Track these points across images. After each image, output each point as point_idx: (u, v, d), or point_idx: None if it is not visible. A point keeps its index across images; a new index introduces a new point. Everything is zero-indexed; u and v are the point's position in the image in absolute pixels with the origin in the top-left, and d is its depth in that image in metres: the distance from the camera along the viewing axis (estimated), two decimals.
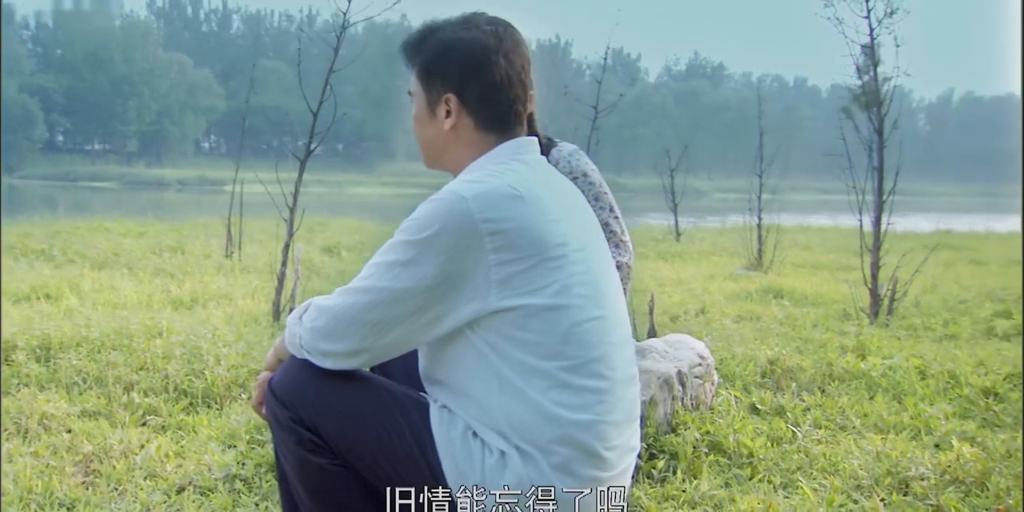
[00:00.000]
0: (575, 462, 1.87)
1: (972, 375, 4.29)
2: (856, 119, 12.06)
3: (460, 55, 2.01)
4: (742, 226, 13.07)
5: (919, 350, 4.91)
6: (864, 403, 3.94)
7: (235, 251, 9.35)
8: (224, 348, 4.37)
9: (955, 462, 3.09)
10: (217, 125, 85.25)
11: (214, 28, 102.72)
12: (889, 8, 5.88)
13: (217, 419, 3.65)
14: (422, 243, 1.84)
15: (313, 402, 1.96)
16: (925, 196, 49.54)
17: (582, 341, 1.89)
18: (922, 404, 3.90)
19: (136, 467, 3.11)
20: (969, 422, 3.69)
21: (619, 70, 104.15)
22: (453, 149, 2.06)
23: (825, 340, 5.12)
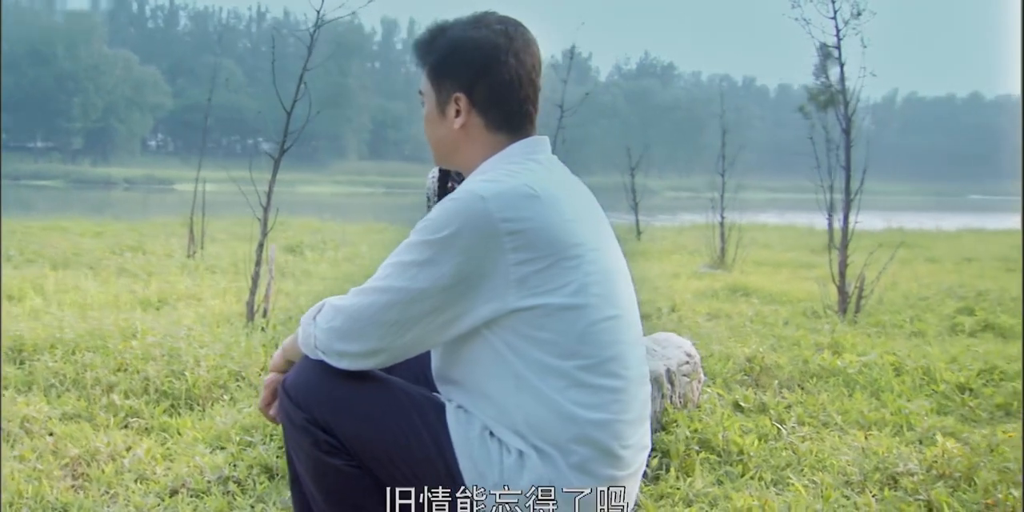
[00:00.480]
0: (592, 461, 1.88)
1: (946, 371, 4.36)
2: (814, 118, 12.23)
3: (469, 54, 2.01)
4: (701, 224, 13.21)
5: (891, 347, 4.98)
6: (844, 400, 3.99)
7: (197, 251, 9.26)
8: (202, 349, 4.32)
9: (940, 457, 3.14)
10: (164, 123, 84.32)
11: (160, 25, 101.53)
12: (856, 9, 5.94)
13: (200, 421, 3.61)
14: (440, 243, 1.84)
15: (329, 403, 1.95)
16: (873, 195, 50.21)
17: (598, 340, 1.90)
18: (900, 400, 3.96)
19: (125, 470, 3.07)
20: (947, 418, 3.76)
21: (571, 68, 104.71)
22: (464, 148, 2.06)
23: (798, 337, 5.18)
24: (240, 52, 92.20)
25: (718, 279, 8.47)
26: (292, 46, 5.45)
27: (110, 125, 75.90)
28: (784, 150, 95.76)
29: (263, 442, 3.29)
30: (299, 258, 9.66)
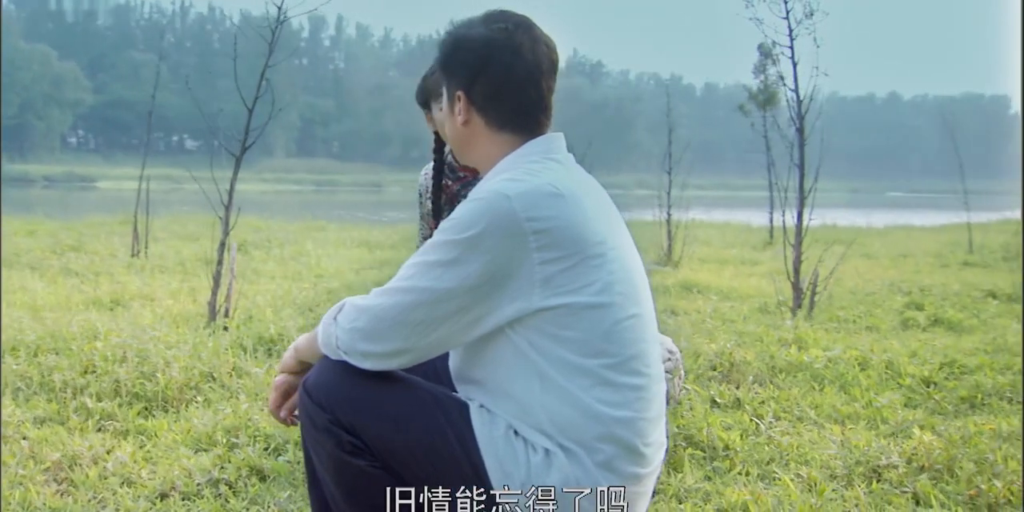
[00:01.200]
0: (617, 459, 1.89)
1: (909, 365, 4.46)
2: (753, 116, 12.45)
3: (465, 52, 2.01)
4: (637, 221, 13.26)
5: (852, 342, 5.08)
6: (815, 394, 4.06)
7: (142, 250, 9.08)
8: (169, 350, 4.24)
9: (919, 450, 3.21)
10: (84, 119, 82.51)
11: (79, 19, 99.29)
12: (808, 9, 6.03)
13: (177, 423, 3.55)
14: (466, 242, 1.83)
15: (352, 403, 1.93)
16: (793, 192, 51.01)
17: (622, 339, 1.91)
18: (868, 394, 4.04)
19: (109, 474, 3.01)
20: (917, 411, 3.85)
21: None
22: (475, 146, 2.06)
23: (760, 333, 5.26)
24: (165, 48, 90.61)
25: (668, 276, 8.56)
26: (218, 43, 5.36)
27: (27, 121, 73.92)
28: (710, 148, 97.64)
29: (249, 444, 3.24)
30: (246, 257, 9.52)
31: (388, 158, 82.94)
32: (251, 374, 4.11)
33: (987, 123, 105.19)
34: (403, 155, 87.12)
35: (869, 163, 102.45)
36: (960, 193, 13.57)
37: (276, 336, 4.78)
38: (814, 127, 6.06)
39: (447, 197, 3.29)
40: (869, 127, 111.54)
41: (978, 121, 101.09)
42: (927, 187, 67.81)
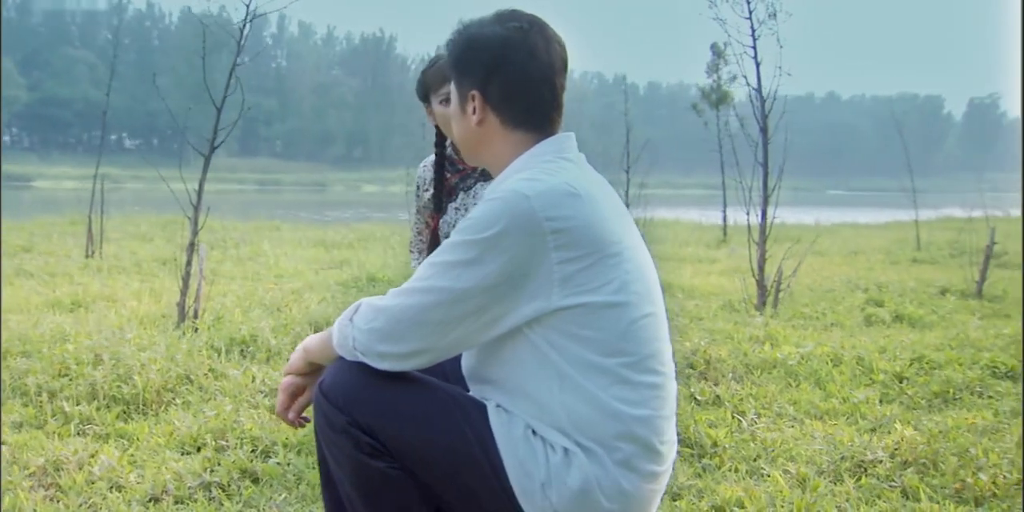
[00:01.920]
0: (636, 457, 1.89)
1: (880, 361, 4.54)
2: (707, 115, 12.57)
3: (480, 52, 2.00)
4: None
5: (822, 338, 5.15)
6: (792, 391, 4.11)
7: (96, 250, 8.93)
8: (143, 352, 4.19)
9: (902, 445, 3.26)
10: (18, 117, 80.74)
11: (13, 15, 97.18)
12: (771, 10, 6.10)
13: (157, 426, 3.51)
14: (485, 242, 1.82)
15: (370, 405, 1.91)
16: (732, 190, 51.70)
17: (639, 337, 1.91)
18: (843, 390, 4.10)
19: (96, 478, 2.96)
20: (892, 406, 3.91)
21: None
22: (488, 146, 2.05)
23: (730, 331, 5.31)
24: (101, 44, 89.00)
25: None
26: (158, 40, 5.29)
27: None
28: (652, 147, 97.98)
29: (237, 446, 3.21)
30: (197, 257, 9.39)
31: (331, 157, 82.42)
32: (228, 376, 4.07)
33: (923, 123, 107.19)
34: (346, 154, 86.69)
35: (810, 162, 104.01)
36: (898, 191, 13.81)
37: (248, 337, 4.73)
38: (777, 126, 6.12)
39: (446, 190, 3.30)
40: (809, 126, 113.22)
41: (914, 121, 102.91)
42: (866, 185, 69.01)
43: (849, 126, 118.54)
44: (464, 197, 3.25)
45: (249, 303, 5.90)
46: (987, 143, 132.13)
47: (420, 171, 3.40)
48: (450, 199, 3.29)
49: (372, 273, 8.01)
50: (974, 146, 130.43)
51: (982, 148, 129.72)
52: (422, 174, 3.39)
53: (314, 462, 3.07)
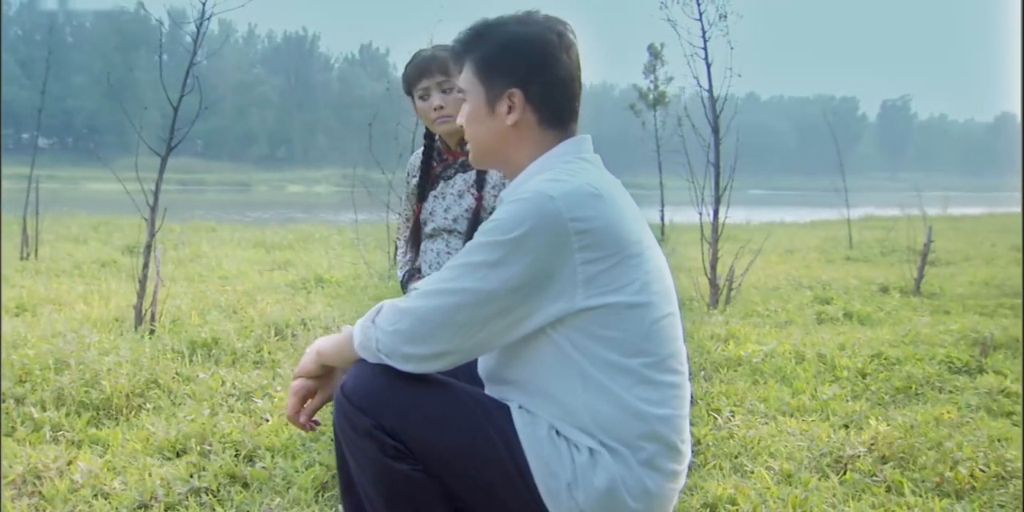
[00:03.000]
0: (659, 457, 1.91)
1: (841, 358, 4.63)
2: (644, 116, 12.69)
3: (525, 50, 2.01)
4: None
5: (781, 336, 5.24)
6: (759, 388, 4.17)
7: (31, 252, 8.70)
8: (106, 356, 4.11)
9: (877, 440, 3.33)
10: None
11: None
12: (721, 11, 6.19)
13: (131, 431, 3.44)
14: (511, 243, 1.82)
15: (395, 407, 1.90)
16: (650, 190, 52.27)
17: (660, 337, 1.93)
18: (809, 387, 4.18)
19: (79, 486, 2.90)
20: (859, 402, 3.99)
21: (368, 65, 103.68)
22: (512, 146, 2.05)
23: (690, 330, 5.37)
24: (12, 41, 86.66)
25: None
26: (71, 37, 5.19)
27: None
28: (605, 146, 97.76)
29: (220, 451, 3.17)
30: (139, 259, 9.20)
31: (254, 157, 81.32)
32: (196, 380, 4.00)
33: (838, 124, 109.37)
34: (270, 154, 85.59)
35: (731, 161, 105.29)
36: (817, 190, 14.10)
37: (210, 340, 4.66)
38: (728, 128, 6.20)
39: (431, 179, 3.34)
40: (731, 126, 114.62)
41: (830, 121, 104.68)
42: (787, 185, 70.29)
43: (767, 127, 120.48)
44: (444, 186, 3.28)
45: (204, 305, 5.80)
46: (899, 144, 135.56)
47: (412, 159, 3.44)
48: (432, 188, 3.31)
49: (319, 274, 7.93)
50: (887, 146, 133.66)
51: (895, 148, 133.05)
52: (413, 162, 3.43)
53: (301, 466, 3.06)
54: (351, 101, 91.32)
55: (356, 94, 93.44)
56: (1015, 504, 2.88)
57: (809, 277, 8.52)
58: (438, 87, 3.17)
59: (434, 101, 3.16)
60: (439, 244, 3.25)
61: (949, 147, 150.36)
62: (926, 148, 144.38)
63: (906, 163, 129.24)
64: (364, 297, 6.94)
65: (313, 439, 3.31)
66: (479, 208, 3.19)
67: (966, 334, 5.20)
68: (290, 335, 4.89)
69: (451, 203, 3.24)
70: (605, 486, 1.87)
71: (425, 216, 3.29)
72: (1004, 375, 4.38)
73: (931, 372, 4.38)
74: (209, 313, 5.54)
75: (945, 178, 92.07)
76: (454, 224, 3.21)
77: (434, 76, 3.17)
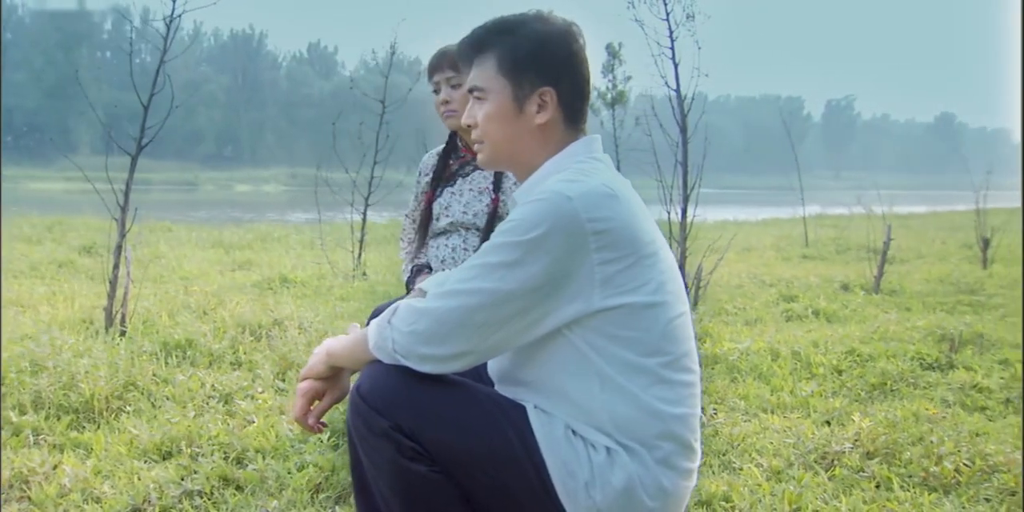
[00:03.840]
0: (675, 455, 1.93)
1: (815, 355, 4.69)
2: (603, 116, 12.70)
3: (556, 48, 2.01)
4: None
5: (754, 334, 5.29)
6: (738, 386, 4.20)
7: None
8: (81, 359, 4.04)
9: (861, 436, 3.37)
10: None
11: None
12: (688, 12, 6.21)
13: (113, 434, 3.39)
14: (529, 244, 1.82)
15: (411, 408, 1.88)
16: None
17: (675, 337, 1.95)
18: (787, 384, 4.22)
19: (68, 490, 2.86)
20: (838, 398, 4.03)
21: (317, 63, 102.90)
22: (534, 146, 2.04)
23: None
24: None
25: None
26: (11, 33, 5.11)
27: None
28: None
29: (208, 453, 3.13)
30: (97, 259, 9.06)
31: (201, 156, 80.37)
32: (175, 382, 3.95)
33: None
34: (217, 153, 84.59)
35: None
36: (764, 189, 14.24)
37: (184, 341, 4.60)
38: (696, 128, 6.25)
39: (446, 175, 3.36)
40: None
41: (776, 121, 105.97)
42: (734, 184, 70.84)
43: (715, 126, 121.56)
44: (462, 183, 3.30)
45: (172, 306, 5.73)
46: (843, 143, 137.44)
47: (425, 158, 3.47)
48: (448, 184, 3.32)
49: (284, 274, 7.87)
50: (831, 146, 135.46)
51: (839, 147, 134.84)
52: (426, 161, 3.46)
53: (293, 467, 3.03)
54: (299, 100, 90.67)
55: (304, 93, 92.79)
56: (1000, 497, 2.93)
57: (770, 275, 8.61)
58: (447, 82, 3.19)
59: (442, 95, 3.18)
60: (455, 239, 3.25)
61: (891, 146, 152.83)
62: (869, 147, 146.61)
63: (850, 162, 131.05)
64: (331, 297, 6.90)
65: (302, 440, 3.28)
66: (496, 207, 3.20)
67: (932, 331, 5.28)
68: (264, 336, 4.85)
69: (471, 199, 3.25)
70: (623, 485, 1.87)
71: (439, 211, 3.29)
72: (974, 370, 4.47)
73: (904, 368, 4.44)
74: (179, 314, 5.47)
75: (888, 177, 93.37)
76: (474, 219, 3.22)
77: (444, 71, 3.19)
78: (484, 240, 3.21)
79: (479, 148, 2.12)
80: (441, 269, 3.28)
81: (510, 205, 2.20)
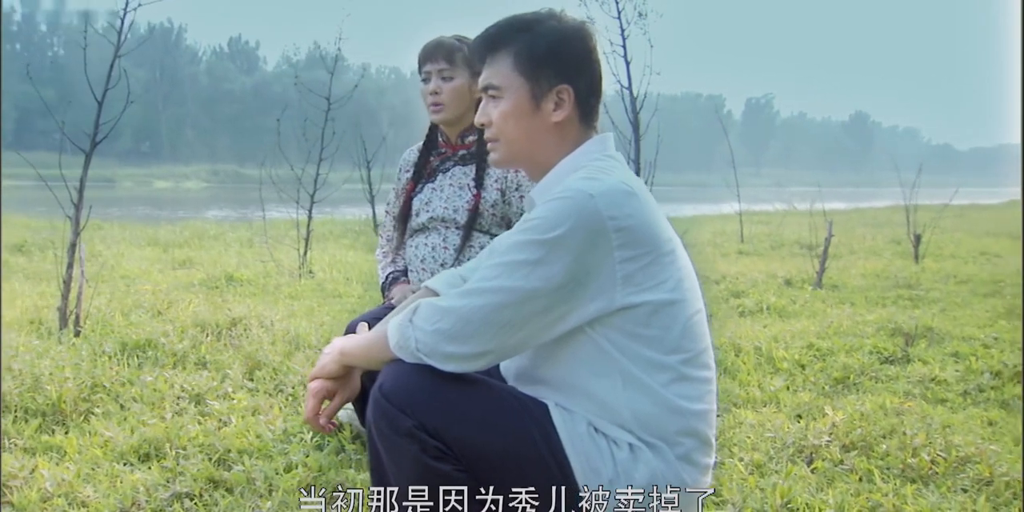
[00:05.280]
0: (695, 451, 1.96)
1: (777, 350, 4.76)
2: None
3: (575, 46, 2.02)
4: None
5: (710, 329, 5.34)
6: None
7: None
8: (43, 361, 3.94)
9: (836, 430, 3.42)
10: None
11: None
12: (639, 10, 6.25)
13: (84, 437, 3.31)
14: (552, 242, 1.83)
15: (436, 407, 1.88)
16: None
17: (694, 334, 1.98)
18: (753, 379, 4.29)
19: (51, 495, 2.78)
20: (805, 393, 4.09)
21: (238, 58, 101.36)
22: (550, 144, 2.05)
23: None
24: None
25: None
26: None
27: None
28: None
29: (192, 455, 3.08)
30: (28, 258, 8.85)
31: (118, 151, 78.65)
32: (140, 382, 3.87)
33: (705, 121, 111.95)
34: (134, 148, 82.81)
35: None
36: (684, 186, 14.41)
37: (143, 341, 4.51)
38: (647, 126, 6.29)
39: (426, 171, 3.35)
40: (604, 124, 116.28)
41: (698, 119, 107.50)
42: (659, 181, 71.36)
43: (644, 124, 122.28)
44: (442, 178, 3.29)
45: (124, 306, 5.60)
46: (763, 140, 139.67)
47: (406, 154, 3.46)
48: (429, 180, 3.31)
49: (228, 273, 7.75)
50: (751, 143, 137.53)
51: (758, 145, 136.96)
52: (407, 157, 3.45)
53: (280, 468, 2.99)
54: (220, 96, 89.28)
55: (225, 88, 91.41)
56: (976, 487, 3.00)
57: (713, 271, 8.71)
58: (439, 74, 3.17)
59: (431, 86, 3.16)
60: (435, 238, 3.23)
61: (808, 144, 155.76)
62: (788, 145, 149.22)
63: (769, 159, 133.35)
64: (280, 295, 6.83)
65: (284, 441, 3.25)
66: (478, 203, 3.19)
67: (884, 325, 5.40)
68: (225, 335, 4.77)
69: (451, 194, 3.23)
70: (646, 481, 1.90)
71: (419, 206, 3.28)
72: (929, 364, 4.57)
73: (864, 362, 4.53)
74: (132, 314, 5.36)
75: (806, 174, 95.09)
76: (454, 215, 3.21)
77: (438, 61, 3.17)
78: (465, 237, 3.21)
79: (493, 147, 2.12)
80: (421, 268, 3.26)
81: (524, 204, 2.19)
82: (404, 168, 3.43)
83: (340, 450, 3.18)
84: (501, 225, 3.26)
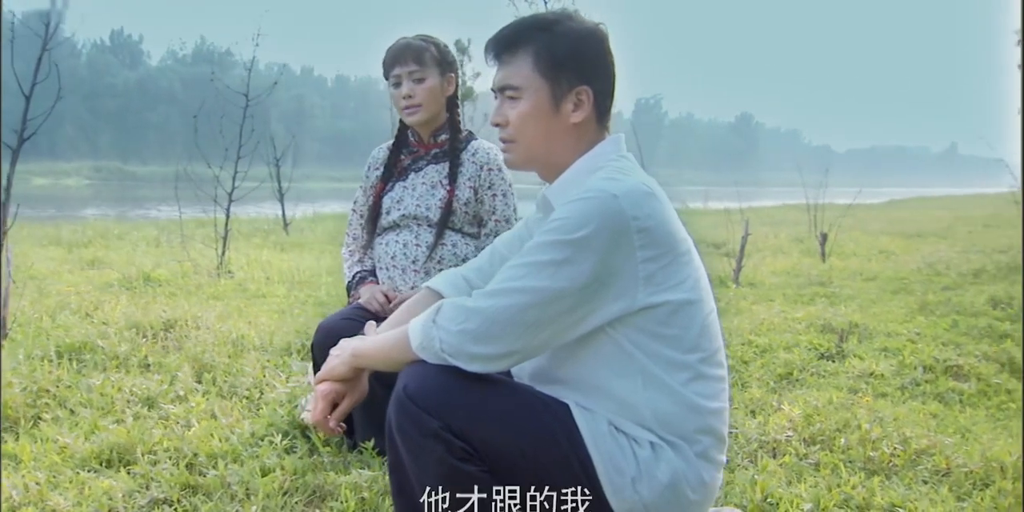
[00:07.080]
0: (712, 448, 1.99)
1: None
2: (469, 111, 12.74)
3: (593, 47, 2.03)
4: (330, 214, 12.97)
5: None
6: None
7: None
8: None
9: (795, 425, 3.51)
10: None
11: None
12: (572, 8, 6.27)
13: (38, 444, 3.18)
14: (578, 242, 1.83)
15: (462, 408, 1.87)
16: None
17: (710, 332, 2.01)
18: None
19: (18, 504, 2.67)
20: (753, 389, 4.16)
21: (120, 52, 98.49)
22: (567, 145, 2.05)
23: None
24: None
25: None
26: None
27: None
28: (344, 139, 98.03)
29: (161, 460, 2.99)
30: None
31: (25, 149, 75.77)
32: (84, 387, 3.74)
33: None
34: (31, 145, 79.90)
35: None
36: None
37: (79, 345, 4.36)
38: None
39: (397, 170, 3.33)
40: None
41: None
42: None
43: None
44: (415, 177, 3.27)
45: (47, 308, 5.40)
46: (651, 140, 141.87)
47: (375, 152, 3.42)
48: (400, 179, 3.29)
49: (146, 273, 7.53)
50: (640, 142, 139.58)
51: (648, 145, 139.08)
52: (376, 155, 3.42)
53: (255, 471, 2.92)
54: (102, 90, 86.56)
55: (107, 83, 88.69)
56: (936, 479, 3.09)
57: None
58: (409, 76, 3.14)
59: (403, 90, 3.13)
60: (406, 235, 3.21)
61: (696, 144, 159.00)
62: (676, 145, 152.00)
63: (659, 159, 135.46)
64: (202, 296, 6.67)
65: (252, 444, 3.18)
66: (451, 200, 3.17)
67: (813, 322, 5.55)
68: (162, 337, 4.65)
69: (423, 192, 3.21)
70: (668, 480, 1.91)
71: (390, 204, 3.25)
72: (863, 359, 4.69)
73: (804, 358, 4.64)
74: (58, 316, 5.18)
75: (694, 173, 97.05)
76: (427, 212, 3.19)
77: (407, 64, 3.14)
78: (438, 234, 3.20)
79: (508, 148, 2.11)
80: (392, 265, 3.24)
81: (537, 203, 2.19)
82: (373, 166, 3.40)
83: (313, 452, 3.13)
84: (473, 223, 3.26)
